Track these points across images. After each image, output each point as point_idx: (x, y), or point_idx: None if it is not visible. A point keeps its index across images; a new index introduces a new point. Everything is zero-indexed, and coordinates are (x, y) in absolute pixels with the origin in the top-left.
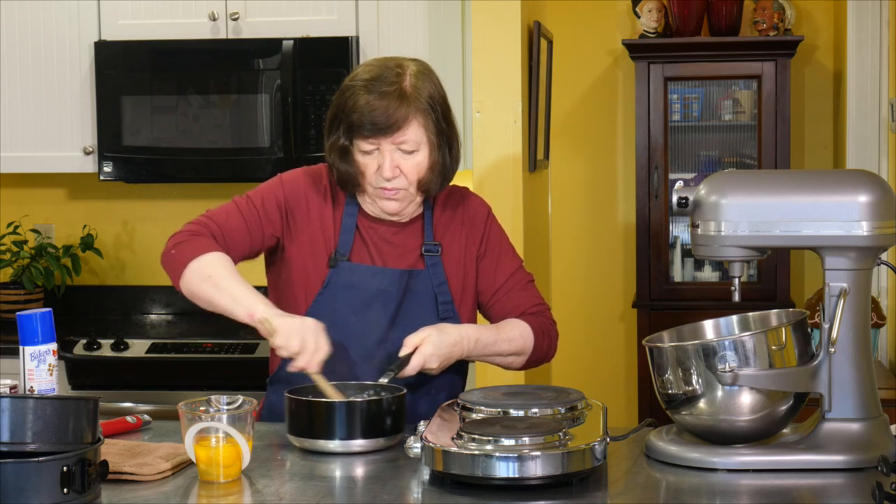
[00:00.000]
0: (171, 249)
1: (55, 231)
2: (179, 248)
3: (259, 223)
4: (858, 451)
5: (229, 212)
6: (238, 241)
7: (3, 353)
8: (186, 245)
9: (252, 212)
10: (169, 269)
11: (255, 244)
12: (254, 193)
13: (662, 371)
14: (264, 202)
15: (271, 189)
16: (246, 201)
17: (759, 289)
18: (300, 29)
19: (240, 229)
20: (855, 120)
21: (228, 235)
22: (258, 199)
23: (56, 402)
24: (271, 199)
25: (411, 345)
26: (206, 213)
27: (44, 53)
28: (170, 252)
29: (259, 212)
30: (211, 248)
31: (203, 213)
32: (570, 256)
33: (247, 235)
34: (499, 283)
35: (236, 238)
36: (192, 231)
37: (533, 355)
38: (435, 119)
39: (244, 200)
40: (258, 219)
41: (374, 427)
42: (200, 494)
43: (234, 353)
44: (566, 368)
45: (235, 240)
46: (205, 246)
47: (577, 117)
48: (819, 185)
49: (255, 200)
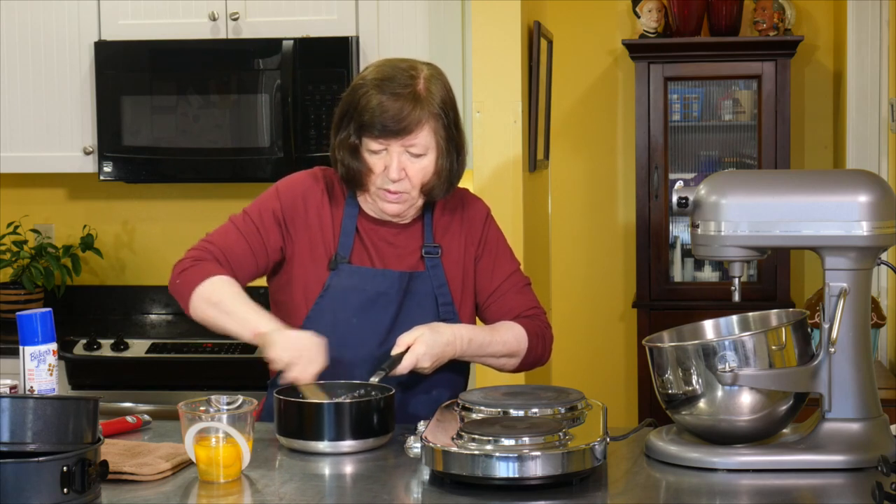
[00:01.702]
0: (175, 279)
1: (55, 231)
2: (183, 276)
3: (259, 239)
4: (858, 451)
5: (227, 232)
6: (242, 260)
7: (3, 353)
8: (190, 272)
9: (250, 228)
10: (177, 297)
11: (260, 261)
12: (250, 209)
13: (662, 371)
14: (261, 216)
15: (267, 202)
16: (243, 218)
17: (759, 289)
18: (300, 29)
19: (241, 249)
20: (855, 120)
21: (231, 256)
22: (255, 215)
23: (56, 402)
24: (268, 212)
25: (404, 344)
26: (205, 238)
27: (44, 53)
28: (175, 281)
29: (258, 227)
30: (214, 272)
31: (202, 238)
32: (570, 256)
33: (249, 253)
34: (495, 284)
35: (239, 258)
36: (195, 257)
37: (527, 358)
38: (445, 124)
39: (241, 218)
40: (258, 235)
41: (363, 427)
42: (200, 494)
43: (234, 353)
44: (566, 368)
45: (239, 259)
46: (208, 271)
47: (577, 117)
48: (819, 185)
49: (253, 216)
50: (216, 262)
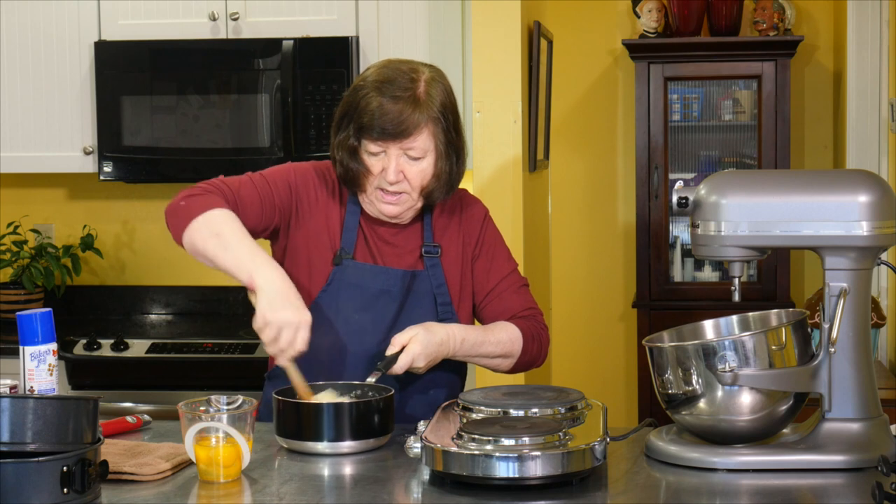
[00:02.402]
0: (180, 201)
1: (55, 231)
2: (190, 201)
3: (271, 198)
4: (858, 451)
5: (242, 182)
6: (249, 210)
7: (3, 353)
8: (198, 199)
9: (265, 186)
10: (174, 219)
11: (266, 218)
12: (266, 172)
13: (662, 371)
14: (277, 181)
15: (283, 172)
16: (259, 177)
17: (759, 289)
18: (300, 29)
19: (252, 199)
20: (855, 120)
21: (241, 202)
22: (270, 177)
23: (56, 402)
24: (283, 180)
25: (399, 343)
26: (219, 178)
27: (44, 53)
28: (178, 203)
29: (271, 188)
30: (222, 205)
31: (217, 178)
32: (570, 256)
33: (258, 206)
34: (491, 284)
35: (248, 207)
36: (206, 189)
37: (521, 359)
38: (445, 128)
39: (257, 176)
40: (270, 194)
41: (362, 428)
42: (200, 494)
43: (234, 353)
44: (566, 368)
45: (247, 208)
46: (217, 203)
47: (577, 117)
48: (819, 185)
49: (268, 177)
50: (225, 199)
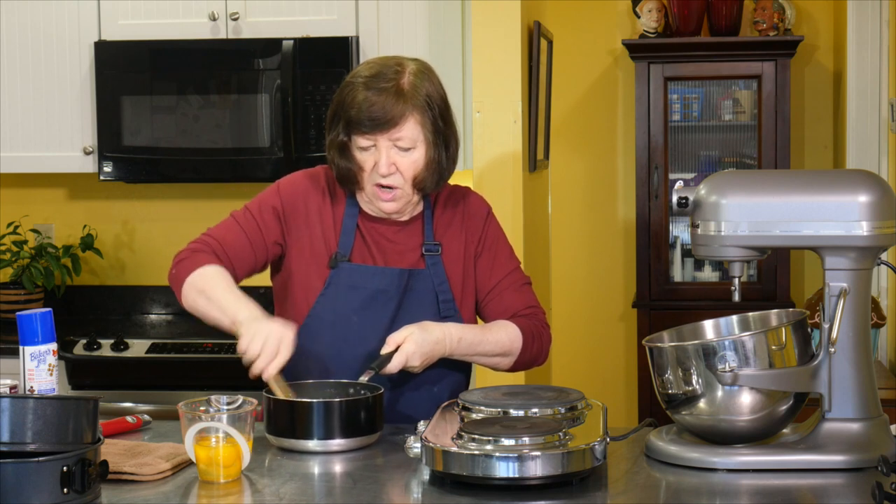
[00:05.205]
0: (172, 268)
1: (55, 231)
2: (179, 266)
3: (259, 233)
4: (858, 451)
5: (228, 227)
6: (240, 254)
7: (3, 353)
8: (186, 262)
9: (250, 223)
10: (172, 287)
11: (259, 255)
12: (251, 204)
13: (662, 371)
14: (262, 211)
15: (268, 198)
16: (243, 213)
17: (759, 289)
18: (300, 29)
19: (240, 242)
20: (855, 120)
21: (230, 250)
22: (255, 210)
23: (56, 402)
24: (268, 207)
25: (393, 343)
26: (206, 232)
27: (44, 53)
28: (171, 271)
29: (258, 222)
30: (208, 262)
31: (203, 233)
32: (570, 256)
33: (248, 248)
34: (493, 282)
35: (238, 251)
36: (193, 249)
37: (521, 357)
38: (432, 117)
39: (241, 213)
40: (257, 229)
41: (351, 426)
42: (200, 494)
43: (234, 353)
44: (566, 368)
45: (237, 253)
46: (202, 261)
47: (577, 117)
48: (819, 185)
49: (253, 211)
50: (213, 254)
